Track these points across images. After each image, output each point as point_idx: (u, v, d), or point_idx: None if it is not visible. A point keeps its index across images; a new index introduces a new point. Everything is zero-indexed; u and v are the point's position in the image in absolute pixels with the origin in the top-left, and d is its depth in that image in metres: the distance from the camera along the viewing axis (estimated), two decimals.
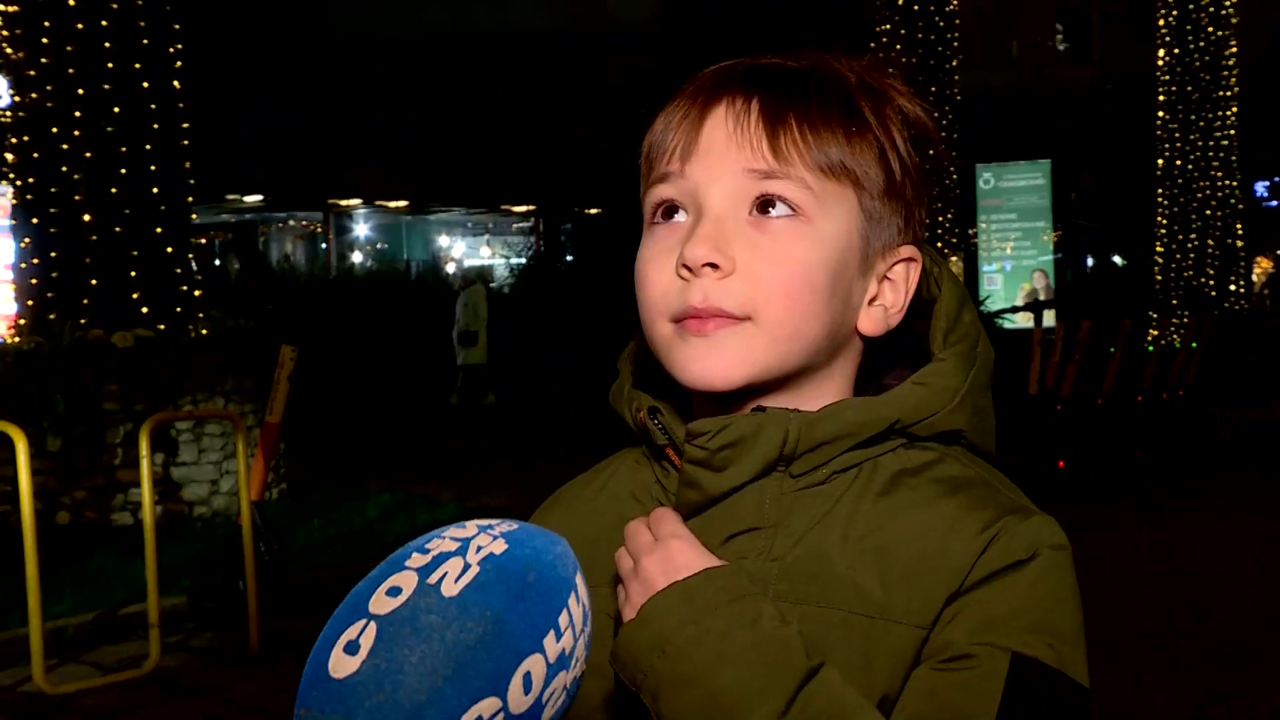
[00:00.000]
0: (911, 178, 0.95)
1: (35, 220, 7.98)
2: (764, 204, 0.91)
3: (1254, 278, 18.99)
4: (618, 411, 1.01)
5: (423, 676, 0.72)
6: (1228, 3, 17.00)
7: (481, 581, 0.76)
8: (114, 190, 7.88)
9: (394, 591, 0.75)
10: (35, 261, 8.02)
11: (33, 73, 7.85)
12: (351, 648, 0.73)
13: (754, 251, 0.91)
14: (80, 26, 7.77)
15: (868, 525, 0.92)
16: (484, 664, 0.74)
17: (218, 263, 24.07)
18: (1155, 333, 16.26)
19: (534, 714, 0.76)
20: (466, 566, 0.76)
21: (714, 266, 0.90)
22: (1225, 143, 17.03)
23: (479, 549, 0.77)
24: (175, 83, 8.14)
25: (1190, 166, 17.10)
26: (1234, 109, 17.07)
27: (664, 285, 0.92)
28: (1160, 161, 17.39)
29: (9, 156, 8.06)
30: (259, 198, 23.90)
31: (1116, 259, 29.45)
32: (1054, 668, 0.87)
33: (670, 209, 0.94)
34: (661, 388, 0.98)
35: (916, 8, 14.02)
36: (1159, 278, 17.52)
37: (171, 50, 8.13)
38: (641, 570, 0.88)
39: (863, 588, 0.90)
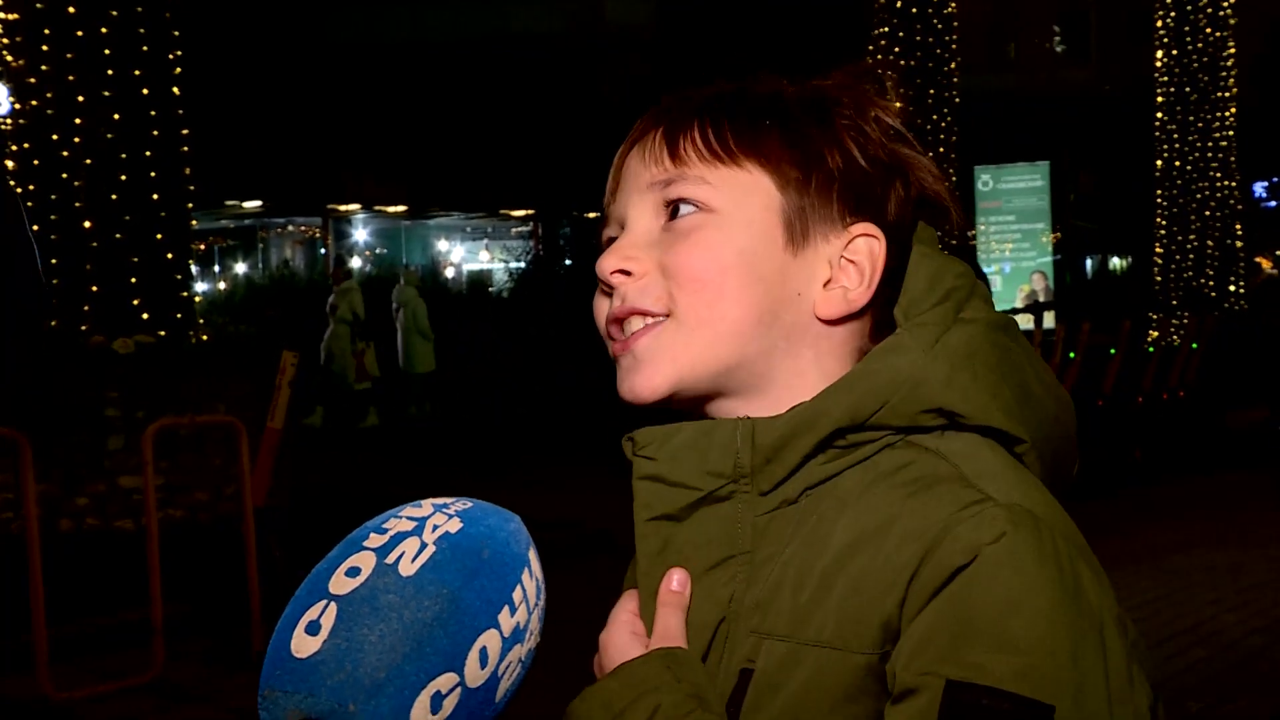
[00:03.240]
0: (861, 165, 0.93)
1: (35, 227, 7.98)
2: (673, 210, 0.93)
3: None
4: None
5: (382, 654, 0.74)
6: (1226, 4, 17.01)
7: (437, 560, 0.78)
8: (114, 197, 7.89)
9: (353, 572, 0.77)
10: None
11: (33, 80, 7.86)
12: (313, 628, 0.75)
13: (663, 249, 0.92)
14: (80, 34, 7.77)
15: (825, 545, 0.86)
16: (441, 641, 0.76)
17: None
18: (1155, 334, 16.26)
19: (490, 686, 0.78)
20: (423, 546, 0.78)
21: (625, 273, 0.93)
22: (1224, 143, 17.03)
23: (435, 528, 0.80)
24: (175, 89, 8.15)
25: (1189, 167, 17.10)
26: (1232, 110, 17.07)
27: (604, 307, 0.95)
28: (1159, 162, 17.39)
29: (9, 163, 8.06)
30: (258, 203, 23.92)
31: (1116, 260, 29.45)
32: (1007, 690, 0.75)
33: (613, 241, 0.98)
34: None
35: (914, 10, 14.02)
36: (1159, 279, 17.53)
37: (171, 57, 8.14)
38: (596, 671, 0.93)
39: (812, 614, 0.85)
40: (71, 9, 7.76)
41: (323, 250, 26.11)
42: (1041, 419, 0.90)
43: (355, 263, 25.78)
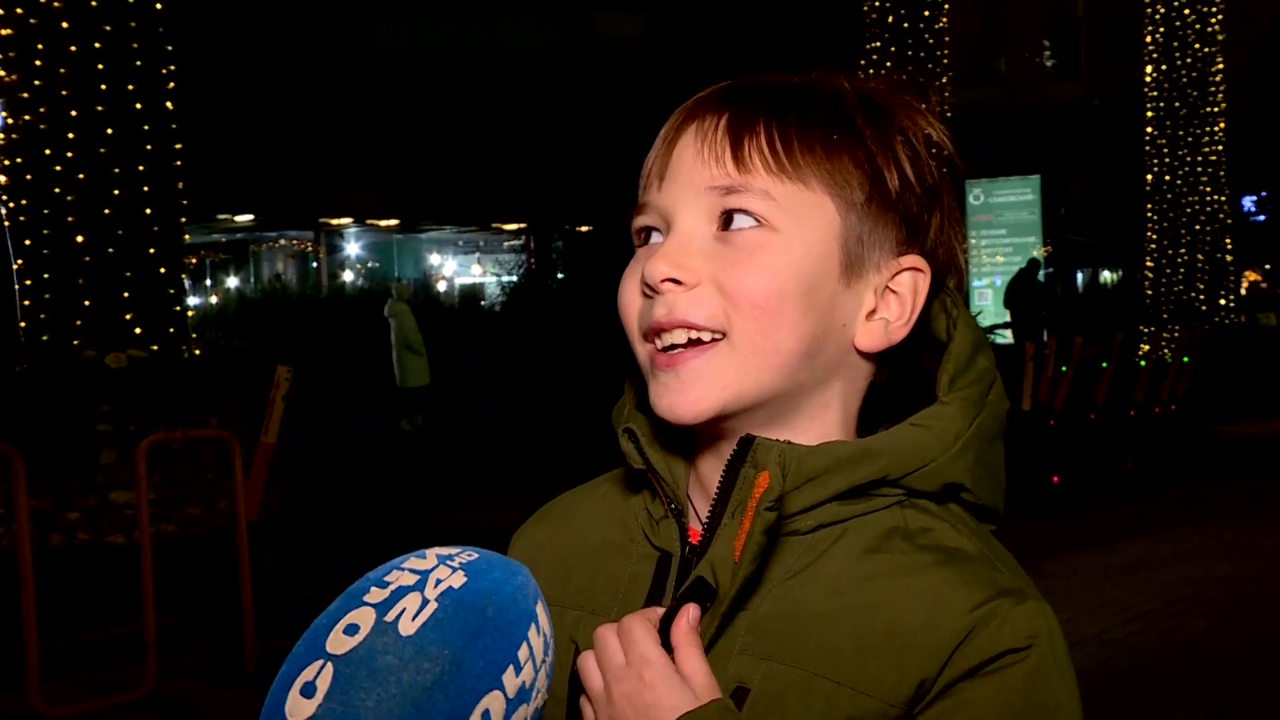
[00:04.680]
0: (915, 191, 0.91)
1: (28, 241, 7.98)
2: (729, 219, 0.88)
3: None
4: (616, 431, 0.98)
5: None
6: (1214, 20, 17.11)
7: (439, 619, 0.75)
8: (107, 211, 7.89)
9: (351, 630, 0.75)
10: (28, 283, 8.02)
11: (26, 94, 7.86)
12: (308, 690, 0.73)
13: (718, 262, 0.88)
14: (73, 49, 7.78)
15: (850, 583, 0.86)
16: (441, 705, 0.73)
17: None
18: (1147, 346, 16.31)
19: None
20: (425, 602, 0.75)
21: (676, 282, 0.87)
22: (1213, 158, 17.11)
23: (437, 583, 0.77)
24: (168, 103, 8.16)
25: (1179, 181, 17.17)
26: (1221, 124, 17.16)
27: (638, 305, 0.91)
28: (1149, 176, 17.47)
29: (2, 179, 8.07)
30: (250, 217, 23.92)
31: (1107, 273, 29.53)
32: None
33: (650, 234, 0.93)
34: None
35: (906, 25, 14.09)
36: (1150, 292, 17.59)
37: (164, 71, 8.15)
38: (614, 699, 0.84)
39: (833, 650, 0.85)
40: (65, 23, 7.77)
41: (315, 264, 26.11)
42: (998, 487, 0.94)
43: (347, 276, 25.79)
